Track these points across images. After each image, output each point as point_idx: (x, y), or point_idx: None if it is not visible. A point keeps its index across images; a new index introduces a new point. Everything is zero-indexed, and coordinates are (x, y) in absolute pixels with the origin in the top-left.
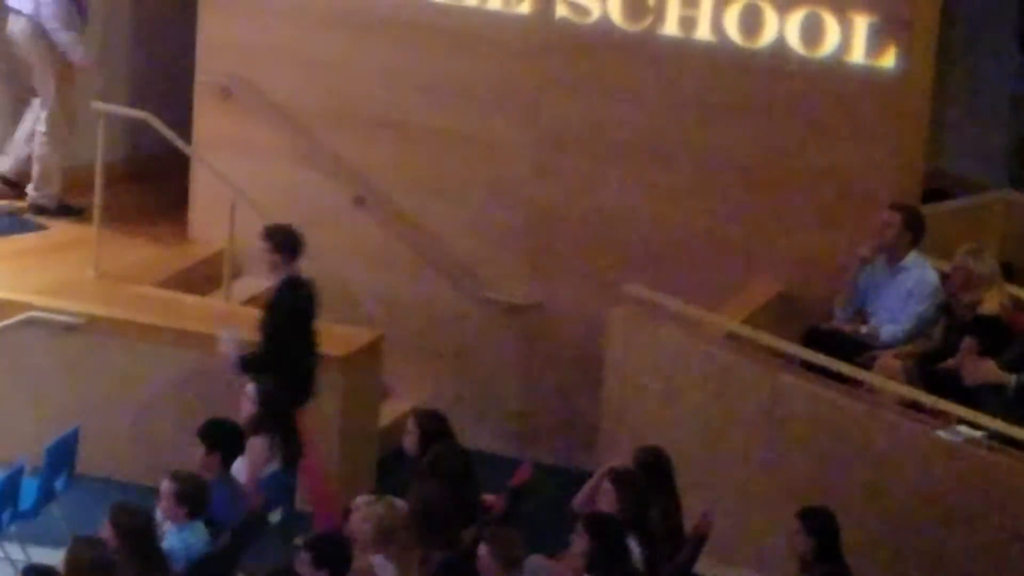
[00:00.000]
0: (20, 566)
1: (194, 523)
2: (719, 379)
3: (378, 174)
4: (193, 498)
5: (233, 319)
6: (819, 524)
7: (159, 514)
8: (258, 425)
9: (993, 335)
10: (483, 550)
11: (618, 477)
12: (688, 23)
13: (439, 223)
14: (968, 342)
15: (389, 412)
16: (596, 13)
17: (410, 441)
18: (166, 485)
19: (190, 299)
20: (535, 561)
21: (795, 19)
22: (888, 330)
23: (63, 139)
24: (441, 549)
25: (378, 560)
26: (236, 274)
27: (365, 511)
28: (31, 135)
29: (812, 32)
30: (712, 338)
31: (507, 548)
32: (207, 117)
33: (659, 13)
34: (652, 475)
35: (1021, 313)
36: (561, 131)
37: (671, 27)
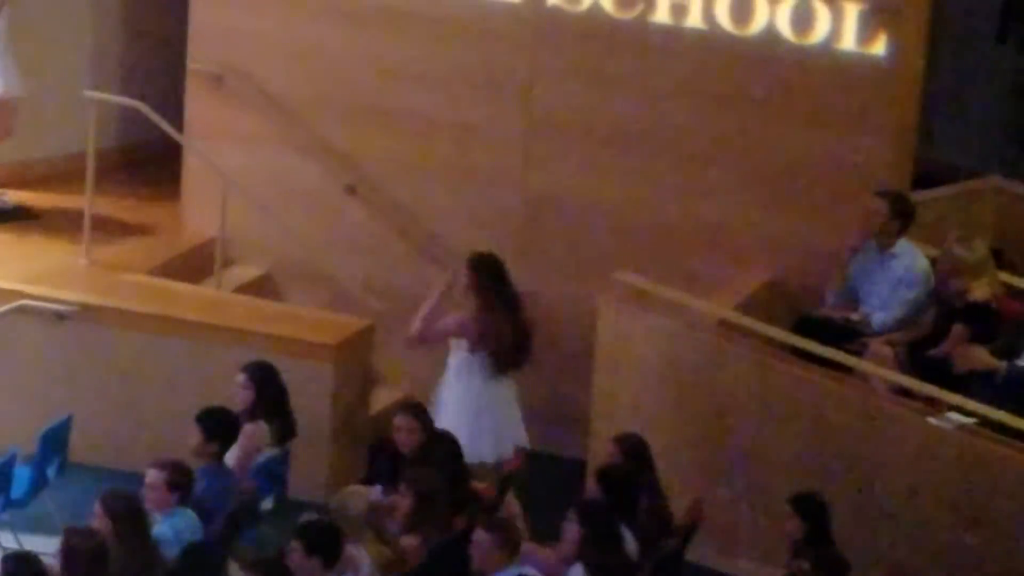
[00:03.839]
0: None
1: (182, 510)
2: (710, 366)
3: (369, 162)
4: (182, 484)
5: (219, 306)
6: (810, 509)
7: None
8: (252, 412)
9: (983, 322)
10: (483, 536)
11: (603, 475)
12: (679, 11)
13: (430, 211)
14: (959, 329)
15: (379, 399)
16: (587, 1)
17: (413, 439)
18: (154, 475)
19: (181, 287)
20: (526, 548)
21: (786, 6)
22: (879, 317)
23: None
24: (433, 535)
25: (351, 549)
26: (227, 262)
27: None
28: None
29: (803, 19)
30: (704, 326)
31: (508, 534)
32: (199, 105)
33: (650, 1)
34: (638, 462)
35: (1012, 300)
36: (552, 119)
37: (662, 15)
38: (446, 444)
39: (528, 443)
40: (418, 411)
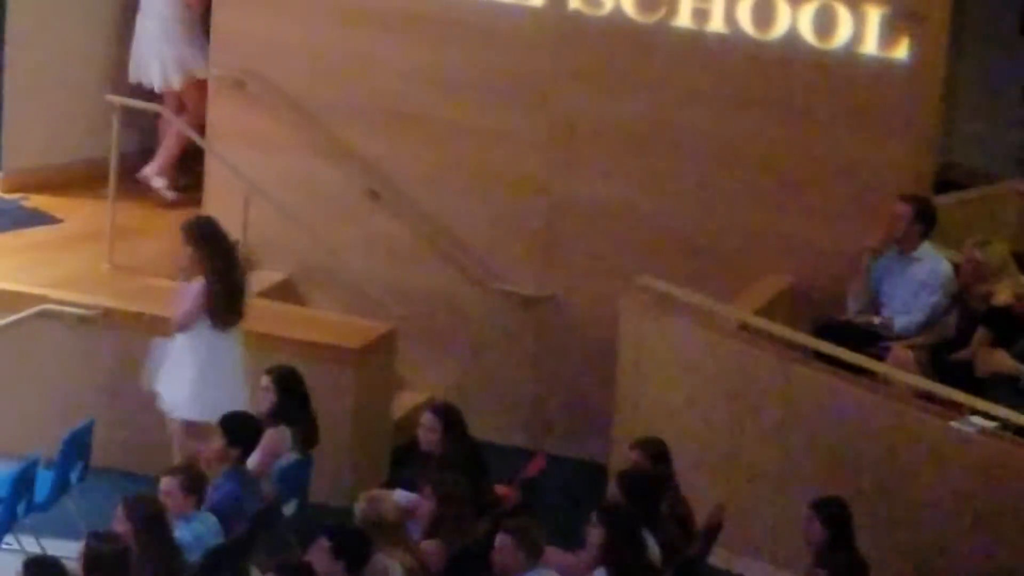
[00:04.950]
0: None
1: (202, 514)
2: (732, 370)
3: (392, 167)
4: (197, 486)
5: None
6: (832, 513)
7: None
8: (276, 416)
9: (1006, 326)
10: (505, 540)
11: (625, 479)
12: (701, 15)
13: (452, 215)
14: (981, 333)
15: (402, 404)
16: (609, 5)
17: (432, 436)
18: (167, 481)
19: None
20: (550, 553)
21: (808, 11)
22: (901, 321)
23: None
24: (455, 539)
25: (383, 558)
26: (249, 266)
27: (357, 509)
28: None
29: (824, 24)
30: (725, 329)
31: (531, 537)
32: (221, 110)
33: (672, 5)
34: (660, 466)
35: None
36: (574, 123)
37: (684, 19)
38: (471, 448)
39: (249, 404)
40: (441, 412)
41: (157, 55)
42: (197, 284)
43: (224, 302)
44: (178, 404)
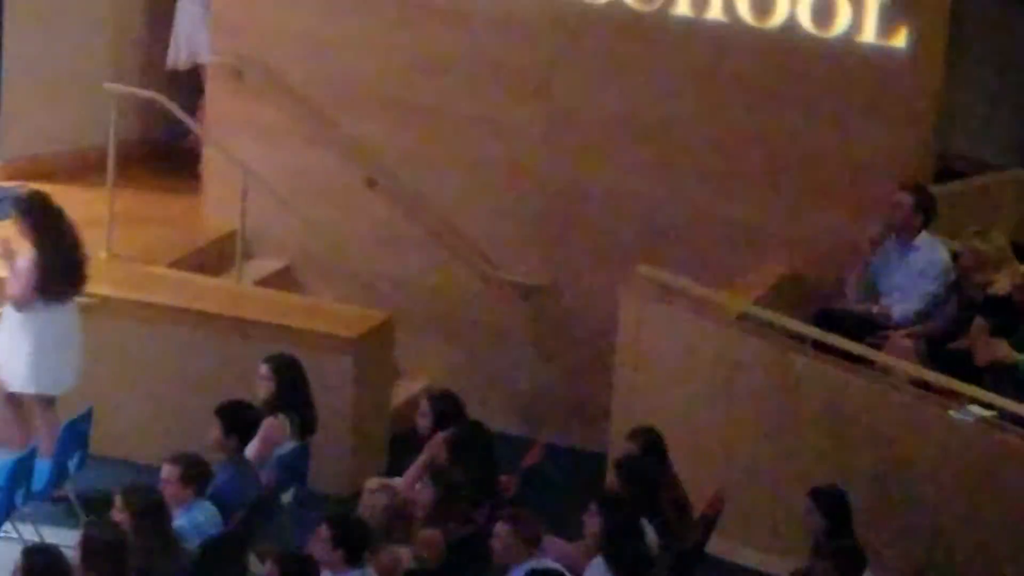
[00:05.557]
0: None
1: (201, 503)
2: (731, 359)
3: (390, 155)
4: (198, 477)
5: (239, 298)
6: (831, 503)
7: None
8: (274, 405)
9: (1004, 315)
10: (504, 529)
11: (623, 467)
12: (700, 3)
13: (451, 203)
14: (979, 322)
15: (401, 392)
16: None
17: (424, 422)
18: (168, 469)
19: (202, 280)
20: (547, 542)
21: None
22: (899, 310)
23: None
24: (454, 528)
25: (399, 550)
26: (248, 255)
27: (366, 500)
28: None
29: (823, 12)
30: (724, 319)
31: (529, 527)
32: (220, 98)
33: None
34: (655, 455)
35: None
36: (572, 110)
37: (683, 6)
38: (477, 437)
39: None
40: (435, 398)
41: (175, 38)
42: (26, 260)
43: (57, 276)
44: (17, 378)
